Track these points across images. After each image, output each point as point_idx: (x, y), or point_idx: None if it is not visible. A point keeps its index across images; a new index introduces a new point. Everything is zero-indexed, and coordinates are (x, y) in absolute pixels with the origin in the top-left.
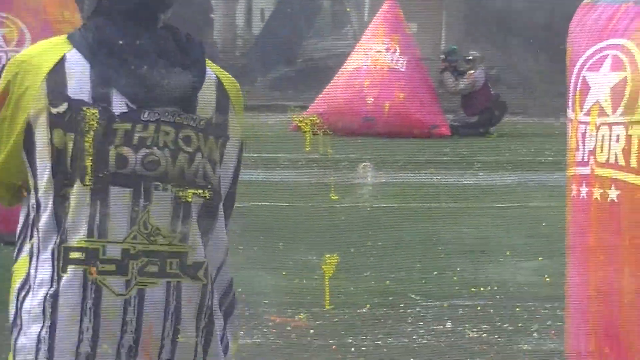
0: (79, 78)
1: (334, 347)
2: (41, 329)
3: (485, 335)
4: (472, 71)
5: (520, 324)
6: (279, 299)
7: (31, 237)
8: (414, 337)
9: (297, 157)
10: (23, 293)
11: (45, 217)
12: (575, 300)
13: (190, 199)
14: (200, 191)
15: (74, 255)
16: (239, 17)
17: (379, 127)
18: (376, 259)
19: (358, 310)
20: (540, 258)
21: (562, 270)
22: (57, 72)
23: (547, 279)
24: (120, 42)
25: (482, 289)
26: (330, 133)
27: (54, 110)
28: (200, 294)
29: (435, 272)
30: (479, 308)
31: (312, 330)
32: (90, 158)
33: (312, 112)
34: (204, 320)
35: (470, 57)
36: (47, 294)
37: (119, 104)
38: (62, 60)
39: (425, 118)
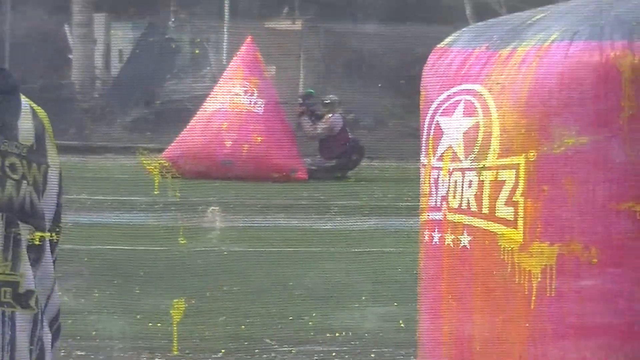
0: None
1: None
2: None
3: None
4: (330, 115)
5: None
6: (131, 343)
7: None
8: None
9: (155, 200)
10: None
11: None
12: (428, 347)
13: (20, 227)
14: (29, 219)
15: None
16: (97, 58)
17: (236, 170)
18: (232, 304)
19: (213, 355)
20: (395, 304)
21: (416, 316)
22: None
23: (402, 325)
24: None
25: (337, 334)
26: (179, 176)
27: None
28: (32, 323)
29: (291, 317)
30: (334, 354)
31: None
32: None
33: (169, 155)
34: (36, 352)
35: (328, 101)
36: None
37: None
38: None
39: (283, 161)
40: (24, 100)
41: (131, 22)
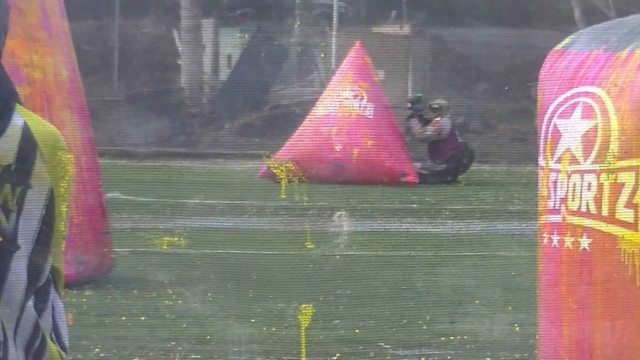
0: None
1: None
2: None
3: None
4: (438, 119)
5: None
6: (248, 348)
7: None
8: None
9: (266, 204)
10: None
11: None
12: (548, 352)
13: None
14: None
15: None
16: (206, 64)
17: (347, 174)
18: (346, 308)
19: (328, 359)
20: (509, 308)
21: (532, 320)
22: None
23: (517, 329)
24: None
25: (452, 338)
26: (305, 180)
27: None
28: None
29: (405, 321)
30: (449, 357)
31: None
32: None
33: (279, 159)
34: None
35: (436, 105)
36: None
37: None
38: None
39: (393, 165)
40: (19, 116)
41: (239, 27)
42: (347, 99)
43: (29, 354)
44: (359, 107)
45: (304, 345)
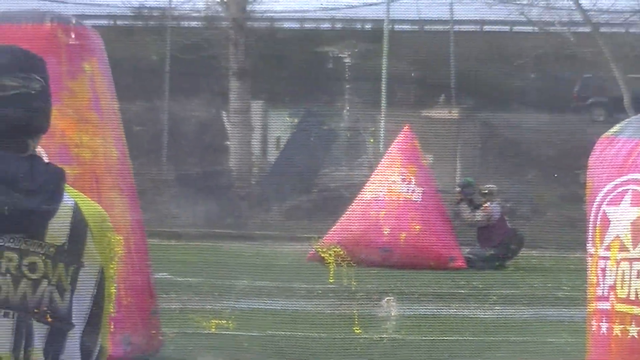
0: None
1: None
2: None
3: None
4: (488, 204)
5: None
6: None
7: None
8: None
9: (314, 287)
10: None
11: None
12: None
13: (33, 327)
14: (45, 319)
15: None
16: (254, 145)
17: (395, 258)
18: None
19: None
20: None
21: None
22: None
23: None
24: None
25: None
26: (354, 265)
27: None
28: None
29: None
30: None
31: None
32: None
33: (327, 242)
34: None
35: (486, 190)
36: None
37: None
38: None
39: (441, 250)
40: (70, 198)
41: (288, 109)
42: (395, 182)
43: None
44: (407, 190)
45: None
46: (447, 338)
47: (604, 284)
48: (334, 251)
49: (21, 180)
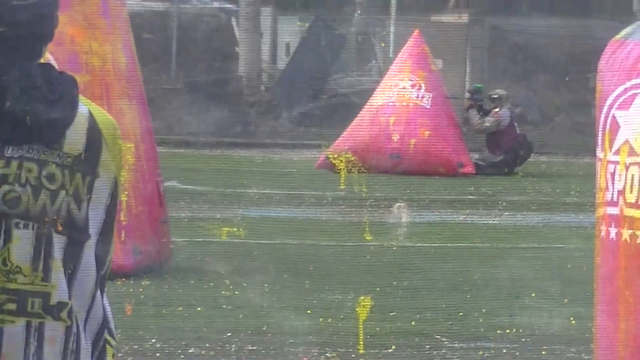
0: None
1: None
2: None
3: None
4: (498, 109)
5: None
6: (305, 339)
7: None
8: None
9: (325, 194)
10: None
11: None
12: (604, 346)
13: (52, 237)
14: (63, 229)
15: None
16: (264, 52)
17: (404, 164)
18: (403, 300)
19: (384, 350)
20: (566, 300)
21: (589, 313)
22: None
23: (574, 322)
24: None
25: (507, 331)
26: (365, 171)
27: None
28: (64, 336)
29: (462, 313)
30: (504, 351)
31: None
32: None
33: (337, 149)
34: None
35: (496, 96)
36: None
37: None
38: None
39: (450, 156)
40: (84, 106)
41: (298, 15)
42: (405, 88)
43: (96, 348)
44: (417, 96)
45: (361, 337)
46: (456, 244)
47: (612, 188)
48: (345, 157)
49: (39, 88)
